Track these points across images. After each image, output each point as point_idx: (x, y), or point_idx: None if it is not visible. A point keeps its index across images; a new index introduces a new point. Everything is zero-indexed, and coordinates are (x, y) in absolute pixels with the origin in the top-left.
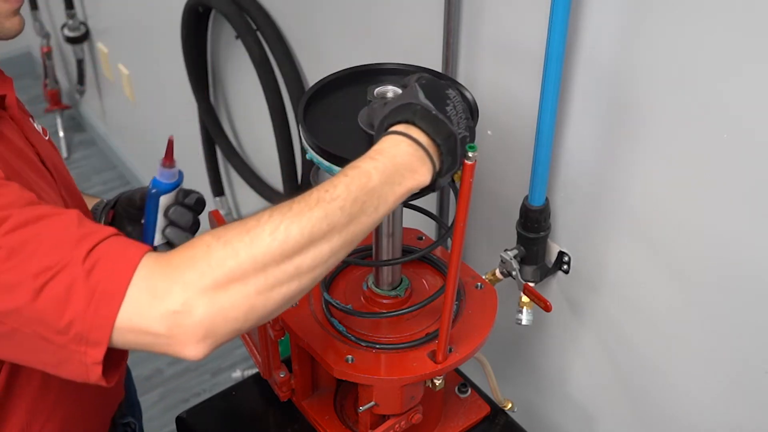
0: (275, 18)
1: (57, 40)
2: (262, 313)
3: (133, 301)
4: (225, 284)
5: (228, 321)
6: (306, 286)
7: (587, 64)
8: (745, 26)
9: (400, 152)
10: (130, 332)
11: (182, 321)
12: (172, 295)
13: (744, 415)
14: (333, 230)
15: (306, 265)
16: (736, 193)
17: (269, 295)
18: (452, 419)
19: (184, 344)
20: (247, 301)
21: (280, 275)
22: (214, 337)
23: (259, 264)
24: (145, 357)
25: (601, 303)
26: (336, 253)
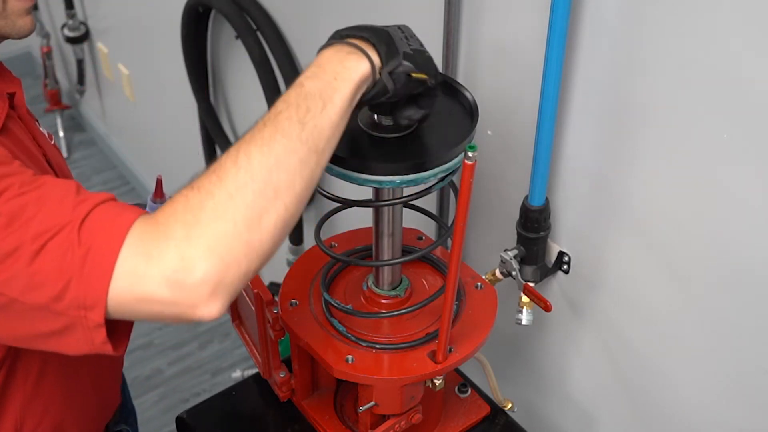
0: (275, 18)
1: (57, 40)
2: (261, 248)
3: (127, 264)
4: (212, 228)
5: (231, 266)
6: (294, 208)
7: (587, 64)
8: (745, 26)
9: (325, 55)
10: (132, 299)
11: (185, 279)
12: (167, 253)
13: (744, 415)
14: (291, 140)
15: (282, 181)
16: (736, 194)
17: (260, 225)
18: (452, 419)
19: (194, 306)
20: (240, 238)
21: (261, 201)
22: (224, 288)
23: (236, 198)
24: (145, 357)
25: (601, 303)
26: (306, 162)
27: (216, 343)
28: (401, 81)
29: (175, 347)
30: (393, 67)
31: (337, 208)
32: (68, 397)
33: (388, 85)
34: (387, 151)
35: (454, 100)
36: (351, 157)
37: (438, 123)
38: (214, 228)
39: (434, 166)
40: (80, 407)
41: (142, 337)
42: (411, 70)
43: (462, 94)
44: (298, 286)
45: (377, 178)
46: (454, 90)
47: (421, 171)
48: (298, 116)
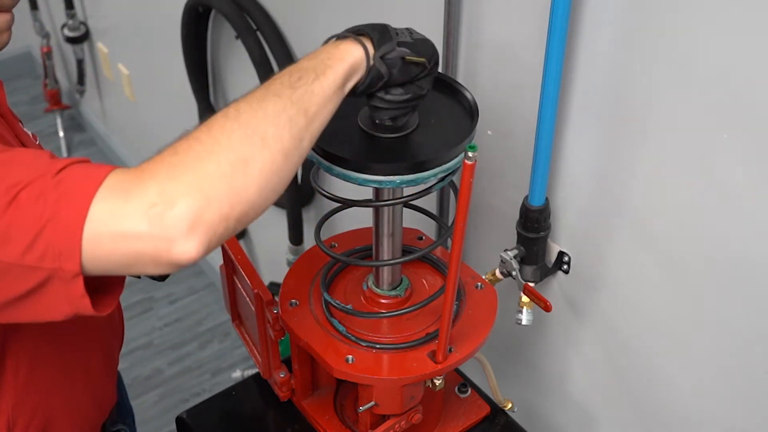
0: (275, 18)
1: (57, 40)
2: (245, 194)
3: (104, 204)
4: (196, 166)
5: (213, 205)
6: (281, 162)
7: (587, 64)
8: (746, 26)
9: (323, 46)
10: (109, 238)
11: (163, 213)
12: (147, 189)
13: (744, 415)
14: (281, 98)
15: (270, 133)
16: (736, 193)
17: (245, 170)
18: (452, 419)
19: (172, 240)
20: (223, 179)
21: (247, 147)
22: (203, 225)
23: (222, 142)
24: (145, 357)
25: (601, 303)
26: (295, 121)
27: (216, 343)
28: (396, 66)
29: (175, 347)
30: (385, 51)
31: (337, 208)
32: (60, 395)
33: (381, 69)
34: (387, 151)
35: (454, 100)
36: (351, 157)
37: (438, 123)
38: (197, 166)
39: (434, 166)
40: (73, 405)
41: (142, 337)
42: (405, 54)
43: (462, 94)
44: (298, 286)
45: (377, 178)
46: (454, 90)
47: (421, 171)
48: (290, 82)
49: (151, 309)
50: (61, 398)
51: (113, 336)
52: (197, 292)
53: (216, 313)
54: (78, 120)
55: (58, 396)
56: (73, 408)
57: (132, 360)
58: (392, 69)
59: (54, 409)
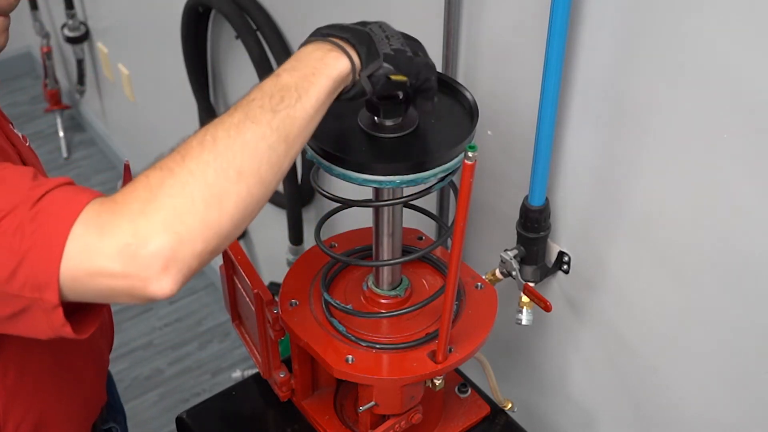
0: (275, 18)
1: (57, 40)
2: (219, 229)
3: (80, 241)
4: (169, 203)
5: (186, 243)
6: (258, 193)
7: (587, 64)
8: (746, 26)
9: (306, 50)
10: (84, 275)
11: (137, 252)
12: (121, 228)
13: (744, 415)
14: (260, 126)
15: (247, 167)
16: (736, 193)
17: (220, 205)
18: (452, 419)
19: (146, 280)
20: (197, 216)
21: (222, 181)
22: (176, 264)
23: (197, 175)
24: (145, 357)
25: (601, 303)
26: (274, 149)
27: (216, 343)
28: (380, 83)
29: (175, 347)
30: (373, 70)
31: (337, 208)
32: (50, 396)
33: (367, 87)
34: (387, 151)
35: (454, 100)
36: (351, 157)
37: (438, 123)
38: (170, 203)
39: (434, 166)
40: (63, 405)
41: (142, 337)
42: (390, 72)
43: (462, 94)
44: (298, 286)
45: (377, 178)
46: (454, 90)
47: (421, 171)
48: (271, 105)
49: (151, 309)
50: (51, 399)
51: (102, 336)
52: (197, 292)
53: (216, 313)
54: (78, 120)
55: (48, 397)
56: (64, 408)
57: (132, 360)
58: (376, 86)
59: (44, 409)
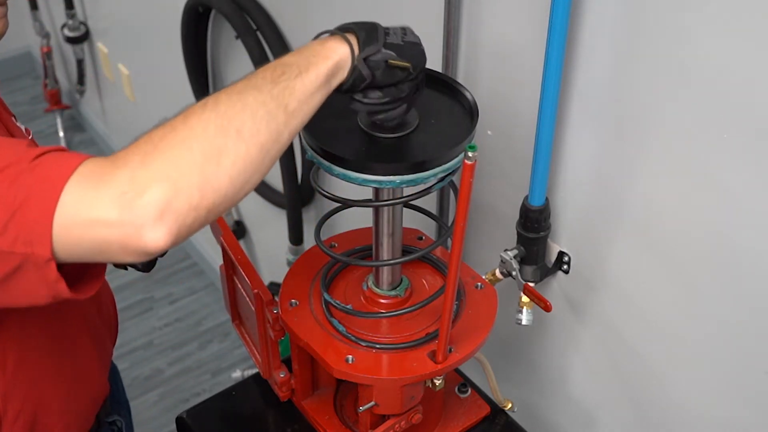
0: (275, 18)
1: (57, 40)
2: (217, 185)
3: (75, 192)
4: (168, 155)
5: (182, 193)
6: (257, 156)
7: (587, 64)
8: (745, 26)
9: (311, 42)
10: (79, 224)
11: (133, 200)
12: (119, 178)
13: (744, 415)
14: (261, 92)
15: (247, 126)
16: (736, 193)
17: (219, 161)
18: (452, 419)
19: (141, 227)
20: (195, 168)
21: (222, 138)
22: (171, 214)
23: (197, 130)
24: (145, 357)
25: (601, 303)
26: (274, 116)
27: (216, 343)
28: (379, 68)
29: (175, 347)
30: (369, 53)
31: (337, 208)
32: (50, 386)
33: (364, 71)
34: (387, 151)
35: (454, 100)
36: (351, 157)
37: (438, 123)
38: (169, 154)
39: (434, 166)
40: (63, 396)
41: (142, 337)
42: (390, 57)
43: (462, 94)
44: (298, 286)
45: (377, 178)
46: (454, 90)
47: (421, 171)
48: (272, 77)
49: (151, 309)
50: (51, 389)
51: (104, 326)
52: (197, 292)
53: (216, 313)
54: (78, 120)
55: (47, 386)
56: (63, 399)
57: (132, 360)
58: (375, 71)
59: (43, 399)
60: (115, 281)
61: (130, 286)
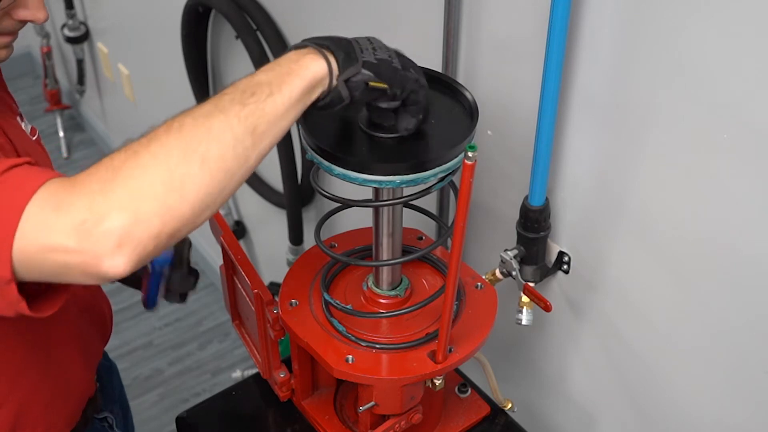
0: (275, 18)
1: (57, 40)
2: (179, 213)
3: (35, 217)
4: (128, 184)
5: (142, 223)
6: (222, 182)
7: (587, 64)
8: (745, 26)
9: (286, 55)
10: (39, 251)
11: (92, 229)
12: (77, 205)
13: (744, 415)
14: (228, 116)
15: (211, 155)
16: (736, 193)
17: (181, 190)
18: (452, 419)
19: (99, 257)
20: (156, 198)
21: (185, 166)
22: (131, 243)
23: (160, 158)
24: (145, 357)
25: (601, 303)
26: (241, 141)
27: (216, 343)
28: (359, 89)
29: (175, 347)
30: (350, 75)
31: (337, 208)
32: (31, 385)
33: (343, 93)
34: (387, 151)
35: (454, 100)
36: (351, 157)
37: (438, 123)
38: (130, 184)
39: (434, 166)
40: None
41: (142, 337)
42: (370, 78)
43: (462, 94)
44: (298, 286)
45: (377, 178)
46: (454, 90)
47: (421, 171)
48: (241, 98)
49: None
50: (32, 388)
51: (91, 325)
52: (197, 292)
53: (216, 313)
54: (78, 120)
55: (28, 385)
56: (46, 397)
57: (132, 360)
58: (354, 93)
59: (25, 397)
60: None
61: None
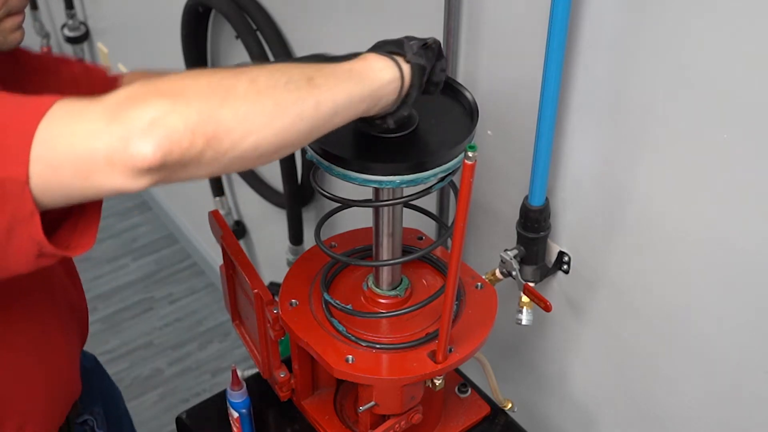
0: (275, 18)
1: (57, 40)
2: (220, 117)
3: (67, 105)
4: (174, 80)
5: (180, 109)
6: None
7: (587, 65)
8: (745, 26)
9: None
10: (63, 138)
11: (125, 110)
12: (114, 95)
13: (744, 415)
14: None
15: (261, 81)
16: (736, 193)
17: (225, 97)
18: (452, 419)
19: (127, 137)
20: (199, 95)
21: (233, 80)
22: (164, 128)
23: (208, 72)
24: (145, 357)
25: (601, 303)
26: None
27: (216, 343)
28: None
29: (175, 347)
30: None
31: (337, 208)
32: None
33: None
34: (387, 151)
35: (454, 100)
36: (351, 157)
37: (438, 123)
38: (175, 80)
39: (434, 166)
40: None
41: (142, 337)
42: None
43: (462, 94)
44: (298, 286)
45: (377, 178)
46: (454, 90)
47: (421, 171)
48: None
49: (151, 309)
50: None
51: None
52: (197, 292)
53: (216, 313)
54: None
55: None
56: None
57: (132, 360)
58: None
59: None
60: (115, 281)
61: (130, 286)
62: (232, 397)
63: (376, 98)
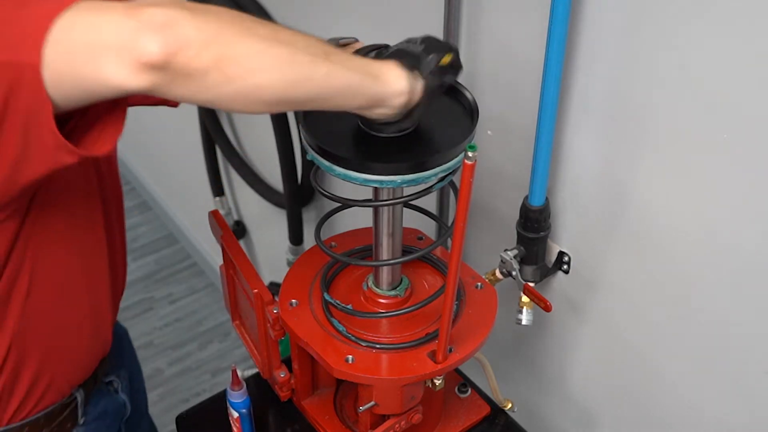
0: (275, 18)
1: None
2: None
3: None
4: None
5: (195, 23)
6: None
7: (587, 64)
8: (745, 26)
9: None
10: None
11: (143, 8)
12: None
13: (744, 415)
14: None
15: (283, 35)
16: (736, 194)
17: (242, 30)
18: (452, 419)
19: (138, 31)
20: (218, 21)
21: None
22: (176, 31)
23: (236, 16)
24: (145, 357)
25: (601, 303)
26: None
27: (216, 343)
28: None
29: (175, 347)
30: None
31: (337, 208)
32: (56, 332)
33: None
34: (387, 151)
35: (454, 100)
36: (351, 157)
37: (438, 123)
38: (203, 7)
39: (434, 166)
40: (69, 343)
41: (142, 337)
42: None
43: (462, 94)
44: (298, 286)
45: (377, 178)
46: (454, 90)
47: (421, 171)
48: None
49: (151, 309)
50: (61, 325)
51: (116, 279)
52: (197, 292)
53: (216, 313)
54: None
55: (51, 337)
56: (65, 348)
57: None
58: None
59: (46, 347)
60: None
61: (130, 286)
62: (232, 397)
63: (379, 101)
